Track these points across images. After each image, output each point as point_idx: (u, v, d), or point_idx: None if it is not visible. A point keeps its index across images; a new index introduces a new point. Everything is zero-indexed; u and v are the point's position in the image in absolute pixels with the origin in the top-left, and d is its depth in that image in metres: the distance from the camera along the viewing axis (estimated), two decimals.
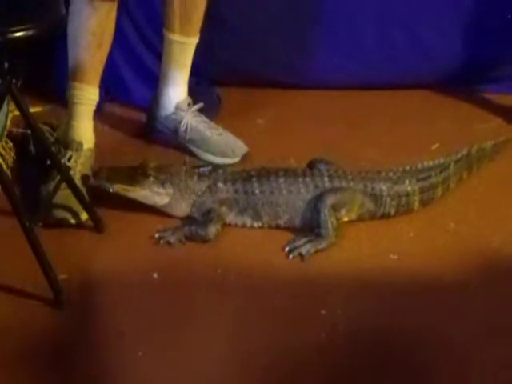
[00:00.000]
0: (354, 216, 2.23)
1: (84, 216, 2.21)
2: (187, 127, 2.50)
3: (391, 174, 2.27)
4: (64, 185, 2.16)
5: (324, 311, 1.99)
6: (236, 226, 2.24)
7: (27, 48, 1.85)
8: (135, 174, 2.22)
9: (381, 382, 1.84)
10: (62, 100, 2.40)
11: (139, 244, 2.18)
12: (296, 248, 2.16)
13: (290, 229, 2.22)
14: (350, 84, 2.77)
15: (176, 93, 2.50)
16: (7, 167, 2.28)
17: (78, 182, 2.23)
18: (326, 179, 2.22)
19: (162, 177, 2.22)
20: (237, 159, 2.48)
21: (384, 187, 2.24)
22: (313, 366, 1.87)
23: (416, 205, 2.28)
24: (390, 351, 1.90)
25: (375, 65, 2.76)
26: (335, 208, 2.18)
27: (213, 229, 2.18)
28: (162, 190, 2.22)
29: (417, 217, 2.27)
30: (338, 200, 2.19)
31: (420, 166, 2.31)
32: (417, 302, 2.02)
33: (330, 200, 2.18)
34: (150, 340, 1.91)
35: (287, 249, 2.16)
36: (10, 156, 2.35)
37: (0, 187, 1.95)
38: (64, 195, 2.19)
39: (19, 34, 1.78)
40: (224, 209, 2.22)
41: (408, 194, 2.26)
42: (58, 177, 2.16)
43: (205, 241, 2.18)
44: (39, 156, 2.31)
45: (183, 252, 2.16)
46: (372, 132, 2.60)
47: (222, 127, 2.53)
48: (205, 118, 2.52)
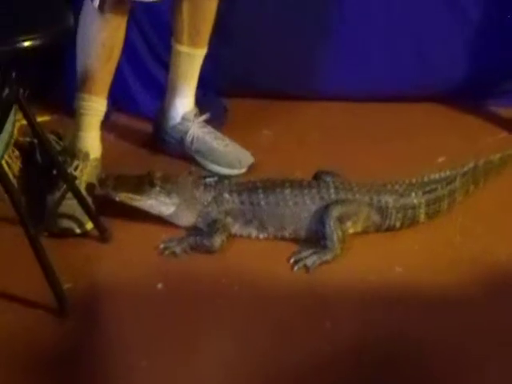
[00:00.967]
0: (359, 228, 2.23)
1: (89, 226, 2.21)
2: (193, 138, 2.50)
3: (397, 187, 2.27)
4: (70, 194, 2.16)
5: (329, 323, 1.98)
6: (241, 236, 2.23)
7: (35, 57, 1.86)
8: (141, 184, 2.22)
9: None
10: (70, 110, 2.41)
11: (144, 254, 2.17)
12: (301, 260, 2.15)
13: (296, 240, 2.22)
14: (356, 97, 2.77)
15: (183, 104, 2.51)
16: (13, 176, 2.28)
17: (84, 191, 2.23)
18: (332, 191, 2.21)
19: (168, 186, 2.22)
20: (243, 170, 2.48)
21: (390, 200, 2.24)
22: (317, 378, 1.86)
23: (422, 217, 2.27)
24: (395, 364, 1.89)
25: (381, 78, 2.76)
26: (341, 220, 2.18)
27: (218, 239, 2.18)
28: (167, 200, 2.22)
29: (422, 230, 2.26)
30: (344, 212, 2.19)
31: (426, 178, 2.31)
32: (422, 314, 2.01)
33: (336, 212, 2.18)
34: (153, 350, 1.91)
35: (292, 260, 2.16)
36: (17, 165, 2.35)
37: (6, 196, 1.96)
38: (69, 205, 2.19)
39: (27, 44, 1.78)
40: (229, 219, 2.22)
41: (414, 207, 2.26)
42: (64, 186, 2.16)
43: (210, 251, 2.18)
44: (45, 165, 2.31)
45: (188, 262, 2.16)
46: (378, 144, 2.60)
47: (228, 138, 2.53)
48: (211, 129, 2.53)
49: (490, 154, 2.42)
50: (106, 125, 2.46)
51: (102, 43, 2.27)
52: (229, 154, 2.49)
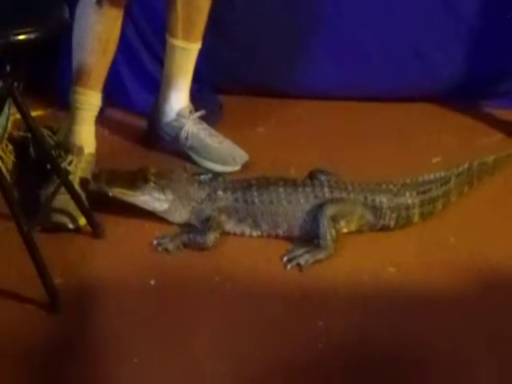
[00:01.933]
0: (353, 227, 2.23)
1: (82, 221, 2.20)
2: (188, 134, 2.49)
3: (391, 187, 2.27)
4: (63, 189, 2.16)
5: (321, 322, 1.98)
6: (235, 234, 2.23)
7: (29, 51, 1.85)
8: (135, 179, 2.21)
9: None
10: (64, 104, 2.40)
11: (137, 250, 2.17)
12: (294, 258, 2.15)
13: (289, 239, 2.21)
14: (351, 95, 2.77)
15: (178, 99, 2.50)
16: (7, 170, 2.27)
17: (78, 186, 2.22)
18: (326, 190, 2.21)
19: (162, 183, 2.22)
20: (237, 167, 2.48)
21: (384, 199, 2.23)
22: (308, 377, 1.85)
23: (416, 218, 2.27)
24: (387, 364, 1.89)
25: (377, 77, 2.76)
26: (335, 219, 2.18)
27: (211, 237, 2.17)
28: (161, 196, 2.22)
29: (416, 230, 2.26)
30: (338, 211, 2.19)
31: (421, 178, 2.31)
32: (414, 315, 2.01)
33: (330, 211, 2.17)
34: (145, 347, 1.90)
35: (285, 259, 2.15)
36: (10, 159, 2.34)
37: None
38: (63, 200, 2.18)
39: (22, 37, 1.77)
40: (223, 217, 2.21)
41: (408, 207, 2.25)
42: (58, 181, 2.16)
43: (203, 248, 2.17)
44: (39, 160, 2.30)
45: (181, 259, 2.15)
46: (373, 144, 2.59)
47: (222, 135, 2.52)
48: (206, 126, 2.52)
49: (485, 155, 2.42)
50: (100, 120, 2.45)
51: (97, 37, 2.27)
52: (223, 151, 2.48)
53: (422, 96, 2.78)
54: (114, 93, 2.64)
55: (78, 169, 2.28)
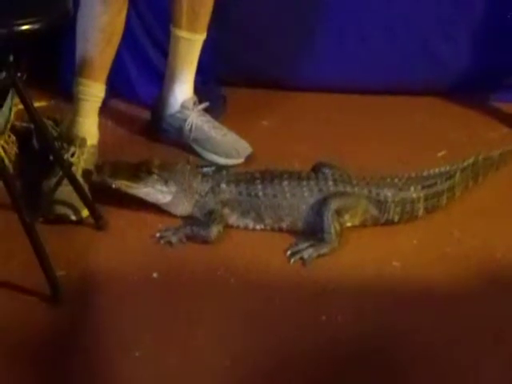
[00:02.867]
0: (357, 221, 2.22)
1: (85, 213, 2.20)
2: (192, 126, 2.49)
3: (396, 181, 2.26)
4: (66, 181, 2.15)
5: (324, 317, 1.97)
6: (238, 227, 2.22)
7: (32, 41, 1.84)
8: (139, 171, 2.21)
9: None
10: (67, 95, 2.39)
11: (140, 243, 2.16)
12: (298, 252, 2.14)
13: (293, 232, 2.21)
14: (356, 88, 2.76)
15: (182, 90, 2.49)
16: (9, 161, 2.26)
17: (80, 178, 2.21)
18: (331, 183, 2.20)
19: (165, 175, 2.21)
20: (241, 160, 2.47)
21: (389, 193, 2.22)
22: (311, 372, 1.85)
23: (420, 212, 2.26)
24: (390, 358, 1.89)
25: (382, 69, 2.75)
26: (339, 213, 2.17)
27: (214, 230, 2.17)
28: (165, 188, 2.21)
29: (421, 224, 2.25)
30: (342, 205, 2.18)
31: (426, 173, 2.30)
32: (419, 309, 2.01)
33: (334, 205, 2.16)
34: (147, 340, 1.90)
35: (289, 252, 2.15)
36: (13, 150, 2.33)
37: (1, 181, 1.94)
38: (66, 191, 2.18)
39: (25, 28, 1.77)
40: (226, 210, 2.20)
41: (413, 201, 2.24)
42: (60, 172, 2.15)
43: (206, 242, 2.16)
44: (42, 151, 2.30)
45: (184, 252, 2.14)
46: (379, 137, 2.59)
47: (226, 127, 2.52)
48: (210, 118, 2.51)
49: (491, 150, 2.41)
50: (104, 111, 2.44)
51: (102, 28, 2.26)
52: (226, 144, 2.48)
53: (429, 90, 2.77)
54: (117, 84, 2.63)
55: (81, 160, 2.27)
